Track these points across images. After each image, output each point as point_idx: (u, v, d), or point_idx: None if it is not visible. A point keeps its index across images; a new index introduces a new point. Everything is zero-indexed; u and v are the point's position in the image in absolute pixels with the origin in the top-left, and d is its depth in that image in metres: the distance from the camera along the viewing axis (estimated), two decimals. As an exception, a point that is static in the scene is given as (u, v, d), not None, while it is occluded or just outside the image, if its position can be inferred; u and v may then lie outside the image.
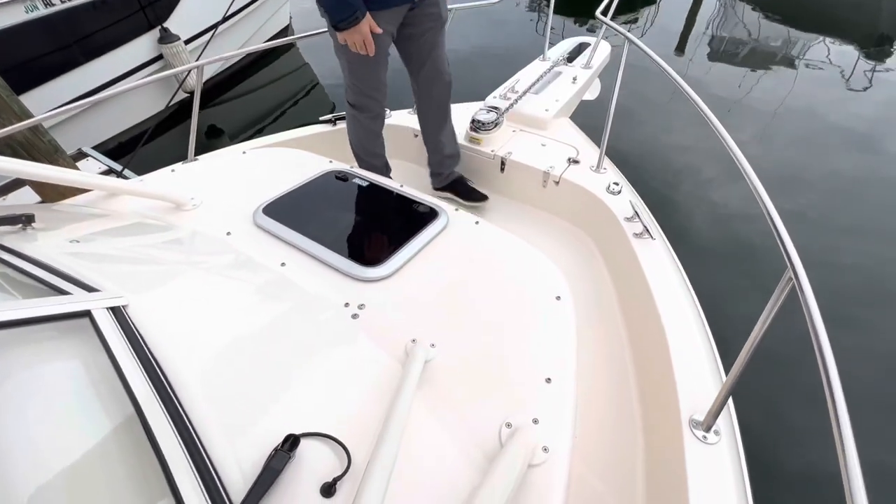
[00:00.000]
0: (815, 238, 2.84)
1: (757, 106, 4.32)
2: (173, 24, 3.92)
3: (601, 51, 2.32)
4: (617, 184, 1.55)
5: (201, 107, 1.71)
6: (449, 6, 1.97)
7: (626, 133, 3.67)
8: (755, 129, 3.94)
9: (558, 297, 0.97)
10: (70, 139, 3.12)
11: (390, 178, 1.78)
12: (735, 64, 5.35)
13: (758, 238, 2.82)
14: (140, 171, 3.08)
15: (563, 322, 0.93)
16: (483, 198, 1.88)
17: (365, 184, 1.29)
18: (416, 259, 1.05)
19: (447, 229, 1.15)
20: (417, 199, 1.23)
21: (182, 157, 1.64)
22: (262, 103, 4.66)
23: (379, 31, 1.34)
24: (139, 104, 3.84)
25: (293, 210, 1.17)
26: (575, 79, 2.18)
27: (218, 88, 4.66)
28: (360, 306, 0.93)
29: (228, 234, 1.11)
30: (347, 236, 1.10)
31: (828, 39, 5.87)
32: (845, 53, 5.53)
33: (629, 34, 1.52)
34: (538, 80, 2.13)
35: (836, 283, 2.54)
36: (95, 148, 3.16)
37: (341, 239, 1.08)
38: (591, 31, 6.53)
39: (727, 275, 2.56)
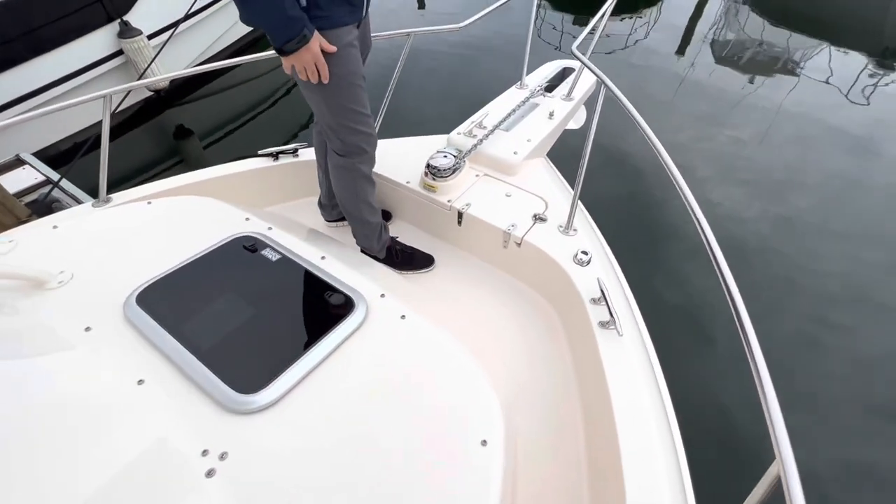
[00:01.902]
0: (804, 242, 2.97)
1: (757, 108, 4.39)
2: (135, 17, 3.64)
3: (585, 79, 2.07)
4: (586, 253, 1.32)
5: (168, 104, 1.47)
6: (410, 29, 1.75)
7: (628, 134, 3.75)
8: (755, 131, 4.05)
9: (484, 443, 0.76)
10: (6, 145, 2.87)
11: (383, 232, 1.53)
12: (737, 68, 5.28)
13: (750, 239, 2.94)
14: (81, 181, 2.86)
15: (486, 476, 0.73)
16: (426, 264, 1.60)
17: (275, 258, 1.07)
18: (314, 375, 0.84)
19: (363, 327, 0.93)
20: (334, 283, 1.01)
21: (134, 168, 1.40)
22: (236, 102, 4.37)
23: (333, 48, 1.09)
24: (86, 108, 3.58)
25: (175, 298, 0.95)
26: (552, 114, 1.90)
27: (188, 84, 4.38)
28: (223, 455, 0.72)
29: (87, 329, 0.89)
30: (232, 342, 0.88)
31: (832, 48, 5.75)
32: (848, 64, 5.41)
33: (603, 76, 1.28)
34: (510, 113, 1.84)
35: (822, 287, 2.65)
36: (36, 154, 2.91)
37: (223, 347, 0.86)
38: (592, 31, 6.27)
39: (715, 275, 2.58)
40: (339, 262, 1.08)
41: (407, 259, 1.58)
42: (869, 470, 1.92)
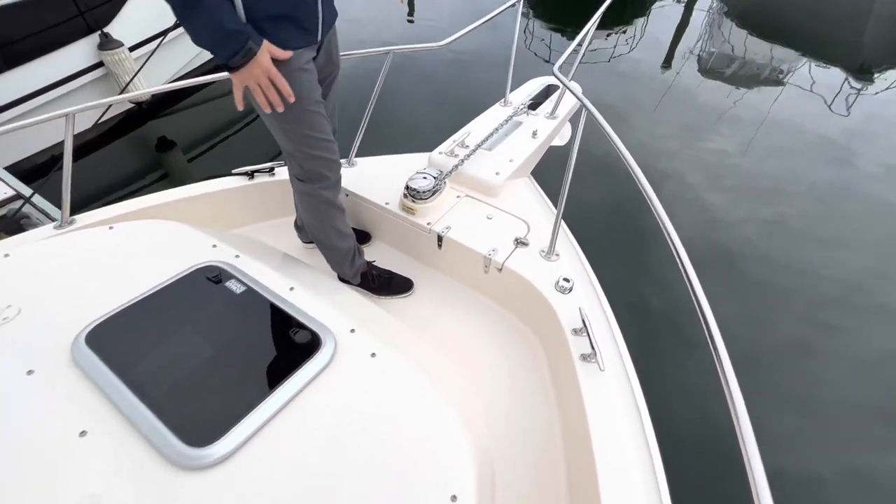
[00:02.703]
0: (797, 247, 3.05)
1: (743, 118, 4.50)
2: (115, 29, 3.58)
3: (570, 96, 2.05)
4: (568, 280, 1.28)
5: (150, 116, 1.40)
6: (389, 47, 1.71)
7: (617, 134, 3.91)
8: (740, 140, 4.16)
9: (454, 498, 0.71)
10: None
11: (356, 257, 1.47)
12: (722, 79, 5.41)
13: (737, 245, 3.00)
14: (55, 196, 2.78)
15: None
16: (405, 289, 1.55)
17: (240, 290, 1.01)
18: (273, 423, 0.78)
19: (330, 367, 0.87)
20: (300, 318, 0.95)
21: (115, 181, 1.33)
22: (220, 114, 4.30)
23: (287, 54, 1.01)
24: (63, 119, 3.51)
25: (128, 337, 0.89)
26: (535, 133, 1.86)
27: (171, 96, 4.31)
28: None
29: (30, 373, 0.83)
30: (187, 387, 0.82)
31: (812, 63, 5.90)
32: (829, 76, 5.55)
33: (584, 98, 1.25)
34: (493, 132, 1.79)
35: (814, 291, 2.71)
36: (10, 168, 2.82)
37: (177, 392, 0.80)
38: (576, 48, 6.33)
39: (705, 280, 2.67)
40: (309, 293, 1.03)
41: (384, 284, 1.53)
42: (864, 473, 1.92)
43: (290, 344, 0.89)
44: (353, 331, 0.95)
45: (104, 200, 3.56)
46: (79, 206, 1.44)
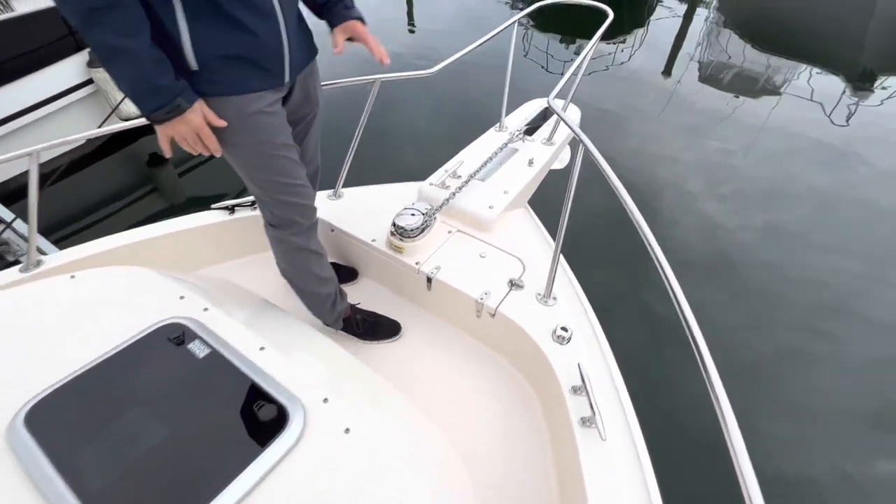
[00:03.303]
0: (792, 253, 3.09)
1: (741, 124, 4.55)
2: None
3: (569, 118, 1.95)
4: (566, 329, 1.19)
5: (142, 132, 1.32)
6: (377, 76, 1.61)
7: (618, 143, 4.08)
8: (740, 146, 4.18)
9: None
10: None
11: (338, 301, 1.38)
12: (721, 87, 5.42)
13: (736, 251, 3.03)
14: (39, 220, 2.70)
15: None
16: (392, 333, 1.46)
17: (203, 353, 0.92)
18: None
19: (297, 448, 0.79)
20: (267, 388, 0.87)
21: (106, 198, 1.26)
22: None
23: (220, 123, 0.93)
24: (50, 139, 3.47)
25: (73, 415, 0.80)
26: (531, 161, 1.75)
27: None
28: None
29: None
30: (132, 478, 0.74)
31: (813, 69, 5.89)
32: (829, 84, 5.54)
33: (581, 133, 1.17)
34: (487, 161, 1.69)
35: (810, 296, 2.75)
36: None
37: (120, 486, 0.72)
38: (577, 52, 6.31)
39: (707, 286, 2.78)
40: (280, 353, 0.94)
41: (369, 329, 1.45)
42: (856, 478, 1.95)
43: (255, 421, 0.81)
44: (326, 400, 0.86)
45: (95, 216, 3.50)
46: (69, 222, 1.36)
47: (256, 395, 0.85)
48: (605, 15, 1.88)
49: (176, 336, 0.94)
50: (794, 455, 2.01)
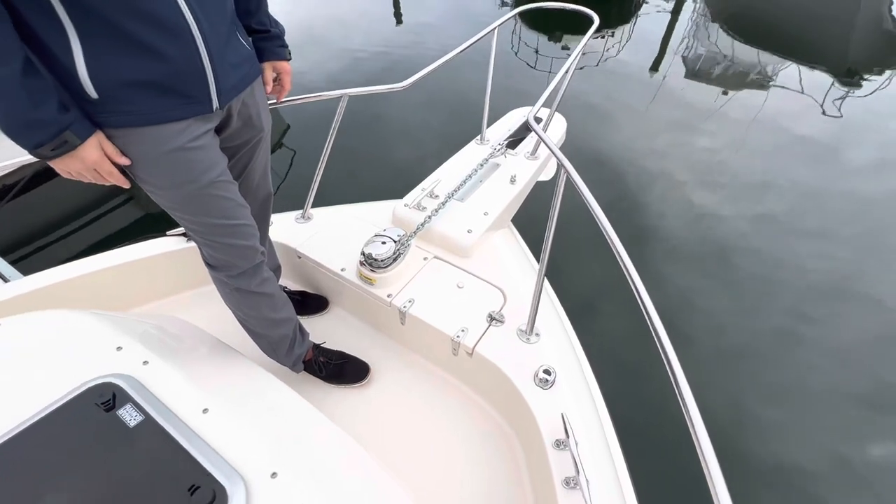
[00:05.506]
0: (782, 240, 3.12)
1: (730, 118, 4.56)
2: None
3: (553, 129, 1.86)
4: (549, 372, 1.10)
5: None
6: (344, 91, 1.49)
7: (606, 136, 4.10)
8: (729, 139, 4.20)
9: None
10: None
11: (296, 344, 1.27)
12: (709, 82, 5.41)
13: (726, 239, 3.08)
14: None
15: None
16: (359, 376, 1.35)
17: (135, 421, 0.82)
18: None
19: None
20: (205, 464, 0.76)
21: (80, 207, 1.13)
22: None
23: (125, 161, 0.82)
24: (12, 147, 3.27)
25: None
26: (514, 178, 1.64)
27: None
28: None
29: None
30: None
31: (801, 67, 5.88)
32: (815, 79, 5.53)
33: (563, 158, 1.07)
34: (466, 179, 1.58)
35: (800, 282, 2.79)
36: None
37: None
38: (566, 47, 6.21)
39: (695, 274, 2.79)
40: (226, 415, 0.84)
41: (334, 372, 1.34)
42: (848, 461, 1.96)
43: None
44: (274, 475, 0.76)
45: (70, 227, 3.34)
46: (44, 234, 1.23)
47: (192, 472, 0.75)
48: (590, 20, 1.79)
49: (105, 400, 0.83)
50: (788, 439, 2.03)
